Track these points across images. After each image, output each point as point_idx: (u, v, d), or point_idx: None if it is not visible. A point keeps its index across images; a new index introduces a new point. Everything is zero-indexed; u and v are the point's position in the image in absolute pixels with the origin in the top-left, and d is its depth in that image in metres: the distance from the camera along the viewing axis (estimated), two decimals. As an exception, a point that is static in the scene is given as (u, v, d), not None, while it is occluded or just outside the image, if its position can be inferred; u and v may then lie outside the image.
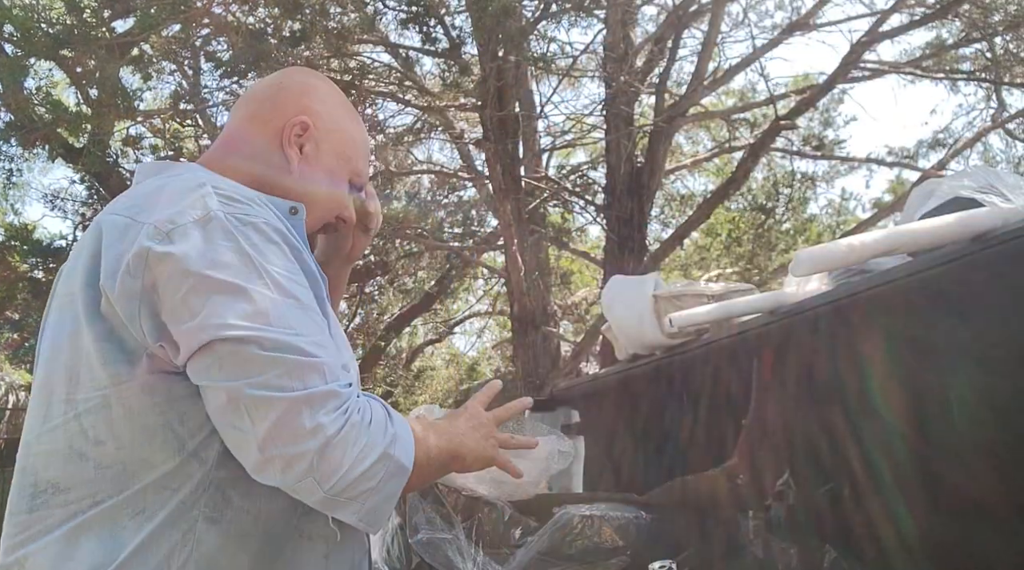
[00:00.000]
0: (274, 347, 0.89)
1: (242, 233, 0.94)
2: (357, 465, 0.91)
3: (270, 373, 0.89)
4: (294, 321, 0.92)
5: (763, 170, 10.14)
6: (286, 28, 6.29)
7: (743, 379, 1.91)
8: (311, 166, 1.15)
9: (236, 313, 0.89)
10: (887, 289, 1.37)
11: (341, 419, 0.90)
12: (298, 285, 0.96)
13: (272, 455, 0.89)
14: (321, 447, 0.88)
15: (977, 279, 1.27)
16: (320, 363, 0.92)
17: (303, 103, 1.17)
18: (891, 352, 1.45)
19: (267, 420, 0.88)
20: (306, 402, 0.89)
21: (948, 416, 1.33)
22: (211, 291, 0.90)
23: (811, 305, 1.57)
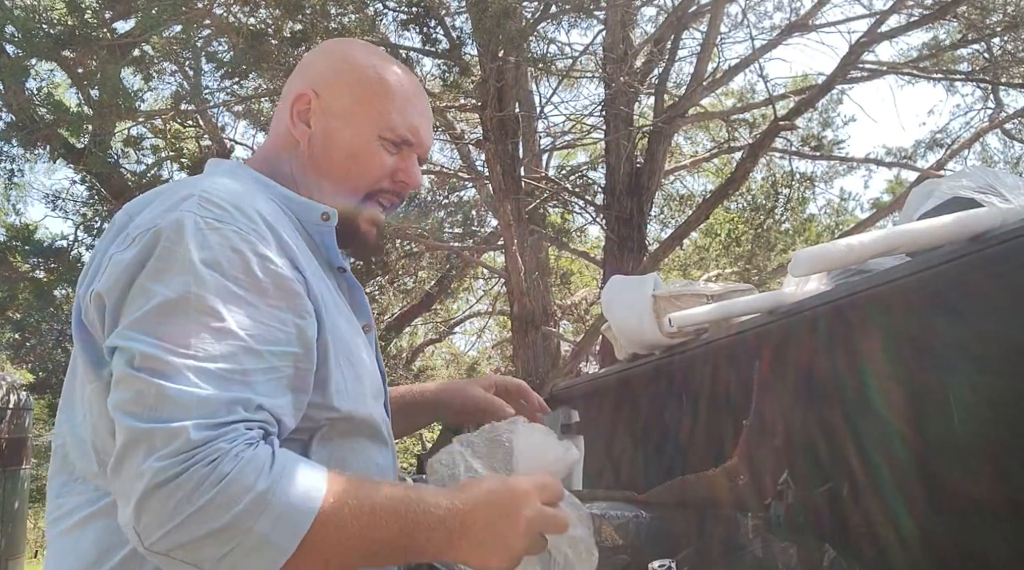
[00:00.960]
0: (145, 366, 0.80)
1: (197, 239, 0.87)
2: (189, 527, 0.76)
3: (130, 394, 0.80)
4: (204, 344, 0.82)
5: (762, 170, 10.14)
6: (287, 29, 6.29)
7: (742, 379, 1.91)
8: (323, 139, 1.07)
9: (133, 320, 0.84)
10: (886, 289, 1.38)
11: (175, 467, 0.76)
12: (242, 300, 0.86)
13: (115, 491, 0.81)
14: (143, 495, 0.76)
15: (976, 279, 1.27)
16: (190, 395, 0.79)
17: (309, 75, 1.11)
18: (890, 352, 1.46)
19: (117, 445, 0.80)
20: (146, 438, 0.78)
21: (947, 416, 1.34)
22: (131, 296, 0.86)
23: (810, 305, 1.58)
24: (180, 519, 0.76)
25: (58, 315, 8.57)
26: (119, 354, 0.84)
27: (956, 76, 8.48)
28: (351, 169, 1.08)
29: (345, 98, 1.08)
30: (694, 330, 2.00)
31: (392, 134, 1.08)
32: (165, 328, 0.82)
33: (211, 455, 0.77)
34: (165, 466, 0.76)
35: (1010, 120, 8.87)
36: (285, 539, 0.79)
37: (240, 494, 0.77)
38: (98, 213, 8.33)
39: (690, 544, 1.66)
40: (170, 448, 0.77)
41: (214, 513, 0.76)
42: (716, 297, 2.04)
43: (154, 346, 0.81)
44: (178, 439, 0.77)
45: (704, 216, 7.71)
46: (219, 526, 0.76)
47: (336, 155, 1.07)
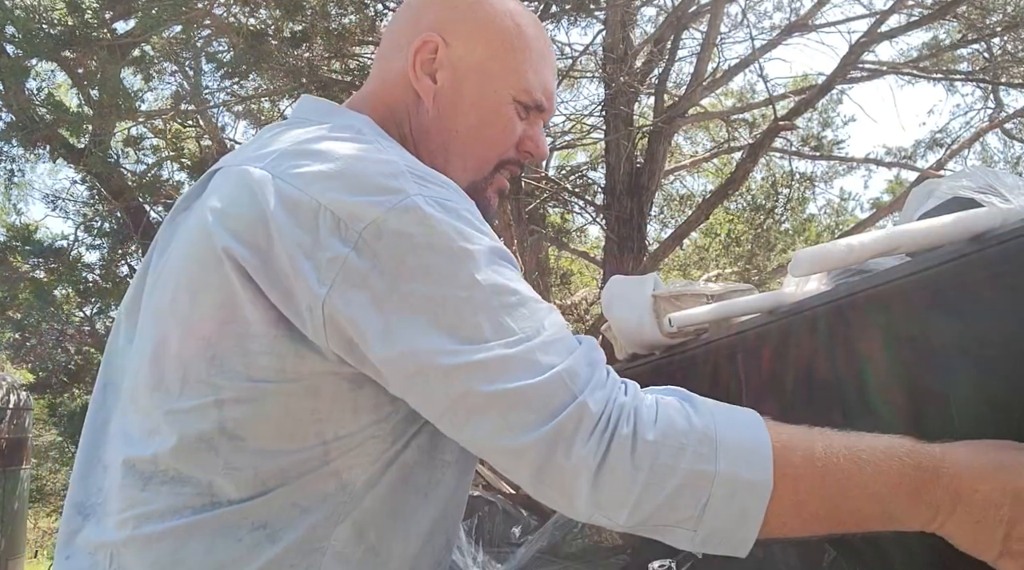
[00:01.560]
0: (497, 375, 0.72)
1: (446, 223, 0.75)
2: (650, 495, 0.70)
3: (502, 414, 0.72)
4: (518, 322, 0.74)
5: (762, 170, 10.14)
6: (287, 29, 6.29)
7: (742, 379, 1.92)
8: (453, 97, 0.92)
9: (447, 333, 0.73)
10: (886, 289, 1.38)
11: (602, 444, 0.70)
12: (512, 272, 0.78)
13: (552, 503, 0.74)
14: (591, 484, 0.70)
15: (976, 279, 1.27)
16: (558, 374, 0.72)
17: (432, 16, 0.93)
18: (890, 352, 1.46)
19: (526, 471, 0.72)
20: (554, 437, 0.71)
21: (947, 416, 1.34)
22: (414, 310, 0.73)
23: (810, 305, 1.58)
24: (639, 488, 0.70)
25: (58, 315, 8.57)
26: (442, 379, 0.73)
27: (956, 76, 8.48)
28: (482, 135, 0.94)
29: (478, 50, 0.92)
30: (694, 330, 2.00)
31: (528, 97, 0.94)
32: (482, 327, 0.73)
33: (623, 413, 0.72)
34: (590, 447, 0.70)
35: (1010, 120, 8.87)
36: (758, 471, 0.72)
37: (681, 437, 0.72)
38: (98, 213, 8.34)
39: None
40: (582, 430, 0.71)
41: (667, 468, 0.70)
42: (716, 297, 2.05)
43: (485, 350, 0.72)
44: (583, 418, 0.71)
45: (704, 216, 7.71)
46: (680, 481, 0.70)
47: (467, 118, 0.93)
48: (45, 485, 16.45)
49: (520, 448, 0.72)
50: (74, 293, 8.39)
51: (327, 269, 0.74)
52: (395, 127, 0.93)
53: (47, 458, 16.42)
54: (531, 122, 0.97)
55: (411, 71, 0.92)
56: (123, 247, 8.09)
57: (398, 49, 0.95)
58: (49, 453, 16.43)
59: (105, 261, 8.35)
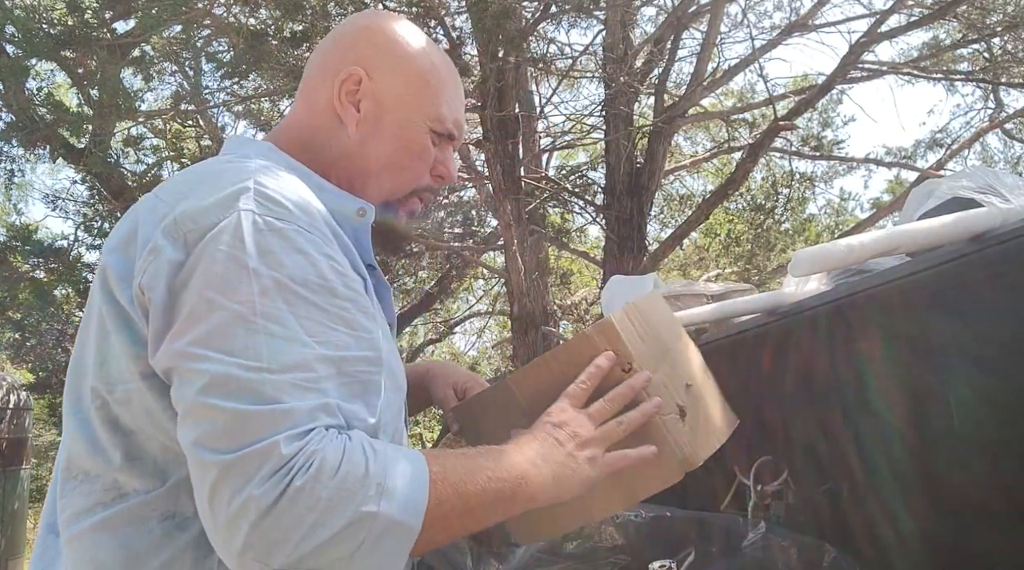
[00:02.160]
0: (219, 390, 0.76)
1: (258, 242, 0.80)
2: (313, 535, 0.73)
3: (207, 426, 0.76)
4: (270, 353, 0.77)
5: (762, 170, 10.15)
6: (287, 29, 6.29)
7: (742, 379, 1.91)
8: (374, 125, 1.00)
9: (197, 338, 0.78)
10: (886, 289, 1.38)
11: (278, 486, 0.73)
12: (306, 308, 0.81)
13: (213, 531, 0.76)
14: (254, 523, 0.72)
15: (976, 279, 1.27)
16: (273, 412, 0.75)
17: (357, 52, 1.01)
18: (890, 352, 1.46)
19: (205, 489, 0.75)
20: (238, 467, 0.74)
21: (947, 416, 1.34)
22: (189, 307, 0.79)
23: (810, 305, 1.58)
24: (304, 530, 0.73)
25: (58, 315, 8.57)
26: (183, 379, 0.78)
27: (956, 76, 8.48)
28: (399, 160, 1.02)
29: (398, 84, 1.01)
30: (694, 330, 2.00)
31: (441, 126, 1.03)
32: (230, 342, 0.77)
33: (308, 460, 0.74)
34: (266, 489, 0.73)
35: (1010, 120, 8.87)
36: (409, 513, 0.77)
37: (356, 484, 0.75)
38: (98, 213, 8.35)
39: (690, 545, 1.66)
40: (265, 470, 0.73)
41: (336, 510, 0.74)
42: (716, 297, 2.05)
43: (224, 364, 0.76)
44: (271, 458, 0.73)
45: (704, 216, 7.71)
46: (345, 522, 0.74)
47: (386, 144, 1.01)
48: (45, 485, 16.43)
49: (205, 464, 0.75)
50: (74, 293, 8.40)
51: (145, 260, 0.82)
52: (314, 151, 1.01)
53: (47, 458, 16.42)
54: (442, 149, 1.06)
55: (336, 100, 1.00)
56: (123, 247, 8.06)
57: (323, 81, 1.03)
58: (49, 453, 16.42)
59: (103, 260, 8.33)
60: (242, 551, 0.74)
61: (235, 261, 0.79)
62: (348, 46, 1.04)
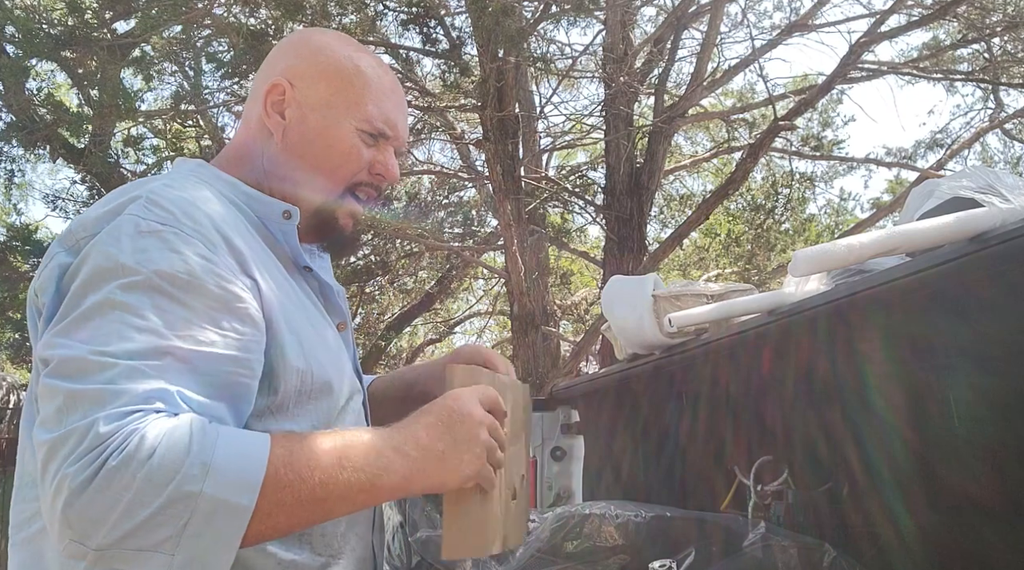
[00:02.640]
0: (61, 372, 0.77)
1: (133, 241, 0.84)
2: (130, 514, 0.71)
3: (46, 405, 0.77)
4: (120, 342, 0.77)
5: (762, 170, 10.15)
6: (287, 29, 6.29)
7: (742, 379, 1.91)
8: (299, 130, 1.04)
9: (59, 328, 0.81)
10: (886, 289, 1.38)
11: (91, 464, 0.71)
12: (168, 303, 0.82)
13: (42, 511, 0.77)
14: (67, 502, 0.71)
15: (976, 279, 1.27)
16: (101, 390, 0.75)
17: (282, 64, 1.07)
18: (889, 352, 1.46)
19: (40, 470, 0.76)
20: (60, 445, 0.73)
21: (947, 416, 1.34)
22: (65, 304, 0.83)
23: (810, 305, 1.58)
24: (120, 510, 0.71)
25: (58, 315, 8.56)
26: (41, 365, 0.81)
27: (956, 76, 8.49)
28: (328, 161, 1.04)
29: (320, 89, 1.04)
30: (694, 330, 2.00)
31: (369, 126, 1.05)
32: (85, 331, 0.79)
33: (125, 440, 0.72)
34: (79, 466, 0.71)
35: (1010, 120, 8.88)
36: (242, 494, 0.75)
37: (176, 462, 0.72)
38: (98, 213, 8.32)
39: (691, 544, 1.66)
40: (81, 448, 0.72)
41: (154, 489, 0.71)
42: (716, 297, 2.05)
43: (70, 348, 0.78)
44: (87, 437, 0.72)
45: (704, 216, 7.71)
46: (164, 500, 0.71)
47: (312, 147, 1.04)
48: (45, 485, 16.41)
49: (38, 444, 0.76)
50: (74, 293, 8.38)
51: (43, 263, 0.89)
52: (248, 164, 1.05)
53: (47, 458, 16.41)
54: (380, 149, 1.07)
55: (263, 111, 1.05)
56: (123, 247, 8.07)
57: (254, 98, 1.08)
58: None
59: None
60: (60, 531, 0.73)
61: (108, 258, 0.83)
62: (275, 60, 1.09)
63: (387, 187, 1.14)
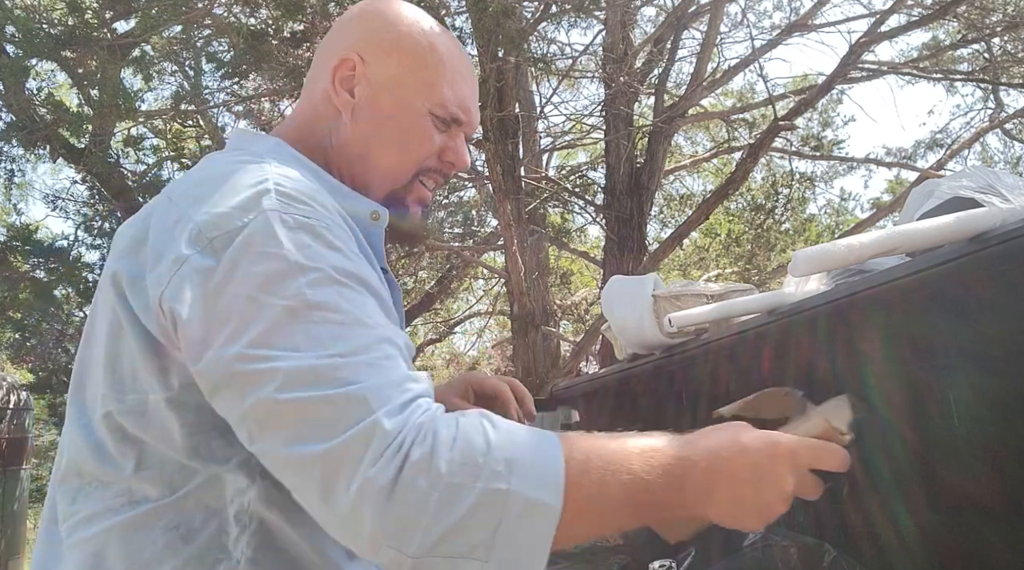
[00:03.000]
0: (296, 383, 0.71)
1: (292, 238, 0.78)
2: (442, 515, 0.67)
3: (293, 422, 0.71)
4: (335, 340, 0.74)
5: (762, 170, 10.15)
6: (287, 29, 6.29)
7: (742, 379, 1.91)
8: (369, 110, 0.97)
9: (254, 338, 0.73)
10: (886, 289, 1.38)
11: (391, 462, 0.68)
12: (353, 293, 0.78)
13: (337, 528, 0.72)
14: (377, 507, 0.67)
15: (976, 279, 1.27)
16: (359, 390, 0.71)
17: (352, 37, 0.99)
18: (890, 352, 1.46)
19: (314, 491, 0.70)
20: (342, 455, 0.69)
21: (947, 416, 1.34)
22: (232, 311, 0.75)
23: (810, 305, 1.58)
24: (431, 511, 0.67)
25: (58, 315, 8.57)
26: (248, 384, 0.73)
27: (956, 76, 8.49)
28: (399, 145, 0.98)
29: (393, 67, 0.97)
30: (694, 330, 2.00)
31: (443, 110, 0.99)
32: (295, 337, 0.73)
33: (419, 432, 0.69)
34: (379, 468, 0.68)
35: (1010, 120, 8.88)
36: (548, 492, 0.70)
37: (479, 458, 0.69)
38: (98, 213, 8.35)
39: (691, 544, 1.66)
40: (373, 449, 0.68)
41: (463, 489, 0.68)
42: (716, 297, 2.05)
43: (293, 359, 0.72)
44: (374, 437, 0.69)
45: (704, 216, 7.71)
46: (473, 500, 0.68)
47: (383, 129, 0.97)
48: (45, 485, 16.44)
49: (305, 461, 0.70)
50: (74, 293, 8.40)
51: (171, 268, 0.78)
52: (316, 143, 0.98)
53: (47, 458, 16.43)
54: (451, 135, 1.01)
55: (331, 87, 0.98)
56: (123, 247, 8.07)
57: (320, 71, 1.00)
58: (49, 453, 16.42)
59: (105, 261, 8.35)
60: (372, 540, 0.68)
61: (275, 259, 0.76)
62: (344, 33, 1.01)
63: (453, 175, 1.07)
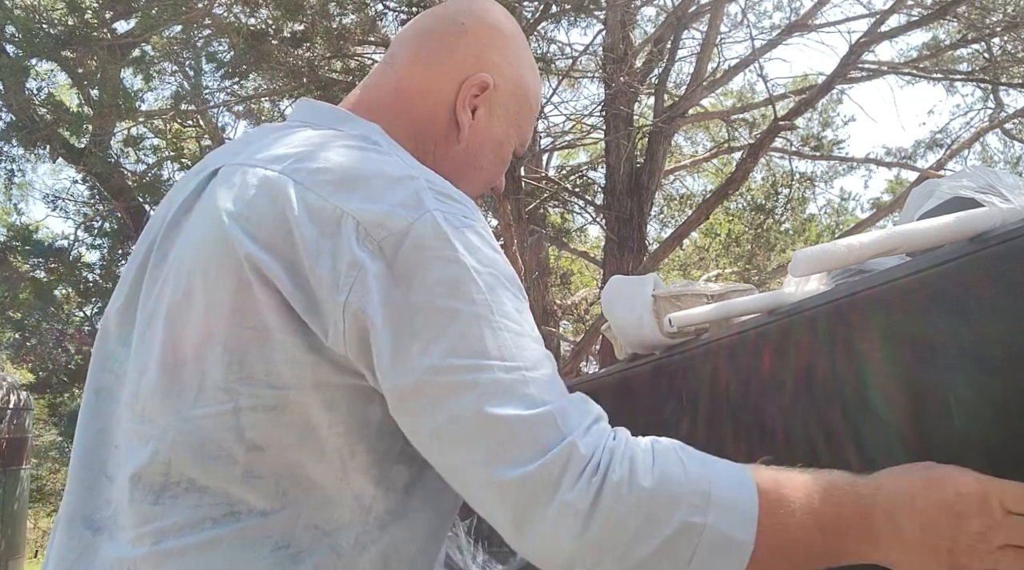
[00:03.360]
0: (495, 398, 0.70)
1: (462, 240, 0.76)
2: (639, 543, 0.67)
3: (492, 444, 0.69)
4: (518, 350, 0.73)
5: (762, 170, 10.16)
6: (287, 29, 6.30)
7: (742, 379, 1.92)
8: (481, 134, 0.98)
9: (451, 349, 0.71)
10: (886, 289, 1.38)
11: (590, 485, 0.68)
12: (518, 301, 0.78)
13: (533, 552, 0.70)
14: (576, 532, 0.67)
15: (976, 279, 1.28)
16: (549, 412, 0.70)
17: (487, 56, 0.98)
18: (890, 352, 1.46)
19: (508, 511, 0.69)
20: (540, 478, 0.68)
21: (947, 416, 1.34)
22: (422, 322, 0.72)
23: (810, 305, 1.58)
24: (629, 537, 0.67)
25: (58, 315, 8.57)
26: (443, 395, 0.71)
27: (956, 76, 8.49)
28: (487, 170, 1.02)
29: (512, 102, 1.01)
30: (694, 330, 2.00)
31: (521, 149, 1.06)
32: (485, 347, 0.72)
33: (614, 456, 0.69)
34: (579, 491, 0.67)
35: (1010, 120, 8.88)
36: (742, 529, 0.69)
37: (678, 488, 0.69)
38: (98, 213, 8.35)
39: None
40: (571, 472, 0.68)
41: (661, 518, 0.68)
42: (716, 297, 2.05)
43: (486, 370, 0.71)
44: (572, 458, 0.68)
45: (704, 216, 7.72)
46: (671, 531, 0.68)
47: (486, 156, 1.01)
48: (45, 485, 16.46)
49: (505, 483, 0.69)
50: (74, 293, 8.41)
51: (347, 275, 0.73)
52: (414, 141, 0.94)
53: (47, 458, 16.44)
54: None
55: (460, 101, 0.96)
56: (123, 247, 8.09)
57: (446, 73, 0.97)
58: (49, 453, 16.44)
59: (105, 261, 8.36)
60: (566, 566, 0.68)
61: (452, 262, 0.74)
62: (482, 45, 0.99)
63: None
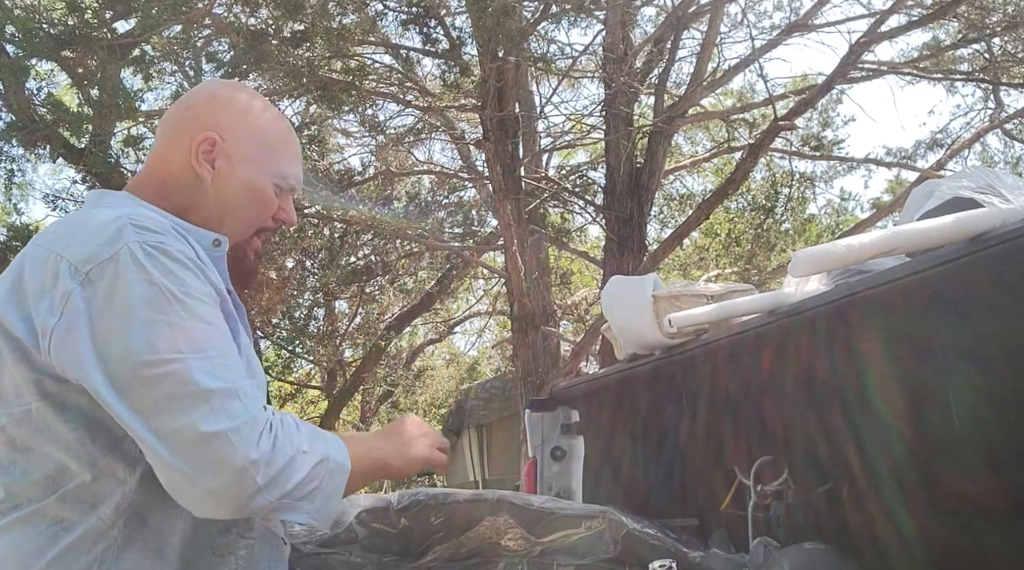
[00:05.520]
0: (194, 379, 0.93)
1: (153, 261, 0.97)
2: (294, 473, 0.96)
3: (194, 409, 0.92)
4: (209, 345, 0.96)
5: (762, 170, 10.15)
6: (287, 29, 6.30)
7: (742, 379, 1.92)
8: (226, 180, 1.18)
9: (150, 344, 0.93)
10: (886, 289, 1.38)
11: (269, 441, 0.95)
12: (211, 307, 1.00)
13: (220, 498, 0.93)
14: (267, 479, 0.93)
15: (976, 279, 1.28)
16: (236, 388, 0.95)
17: (210, 118, 1.19)
18: (889, 352, 1.46)
19: (204, 465, 0.92)
20: (236, 436, 0.92)
21: (946, 415, 1.34)
22: (122, 329, 0.94)
23: (810, 305, 1.58)
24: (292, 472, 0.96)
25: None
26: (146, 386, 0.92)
27: (956, 76, 8.49)
28: (248, 208, 1.20)
29: (247, 146, 1.19)
30: (694, 330, 2.00)
31: (283, 182, 1.23)
32: (176, 341, 0.94)
33: (275, 421, 0.97)
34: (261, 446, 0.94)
35: (1010, 120, 8.88)
36: (345, 459, 1.05)
37: (308, 437, 1.01)
38: (98, 213, 8.31)
39: (690, 544, 1.66)
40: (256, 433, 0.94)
41: (305, 456, 0.98)
42: (716, 297, 2.05)
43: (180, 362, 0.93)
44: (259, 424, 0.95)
45: (704, 216, 7.71)
46: (315, 461, 0.99)
47: (236, 195, 1.18)
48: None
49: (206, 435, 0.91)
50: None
51: (59, 302, 0.96)
52: (171, 198, 1.17)
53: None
54: (283, 198, 1.25)
55: (194, 159, 1.17)
56: (123, 247, 8.06)
57: (178, 143, 1.19)
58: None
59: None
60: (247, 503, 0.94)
61: (145, 282, 0.95)
62: (201, 113, 1.21)
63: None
